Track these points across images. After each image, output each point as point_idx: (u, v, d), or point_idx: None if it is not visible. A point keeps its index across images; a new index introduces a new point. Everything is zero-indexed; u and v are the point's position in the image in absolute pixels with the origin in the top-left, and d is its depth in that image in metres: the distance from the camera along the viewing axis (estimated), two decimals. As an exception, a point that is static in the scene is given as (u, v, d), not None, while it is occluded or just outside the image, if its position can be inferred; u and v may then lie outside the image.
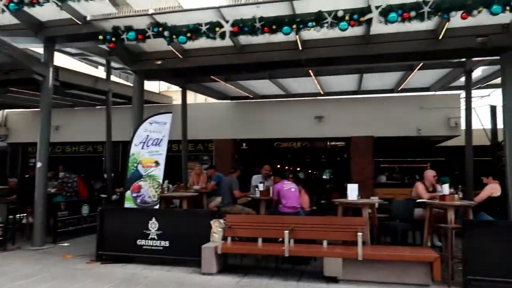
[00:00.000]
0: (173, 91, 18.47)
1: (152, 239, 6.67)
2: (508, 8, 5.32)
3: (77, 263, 6.84)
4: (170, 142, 13.19)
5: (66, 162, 11.89)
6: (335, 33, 6.21)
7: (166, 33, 6.59)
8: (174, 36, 6.62)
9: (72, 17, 7.47)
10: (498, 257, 5.34)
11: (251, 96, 13.26)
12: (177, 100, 14.75)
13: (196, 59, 8.02)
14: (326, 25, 5.85)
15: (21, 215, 8.99)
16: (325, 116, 12.72)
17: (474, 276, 5.37)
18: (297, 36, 6.79)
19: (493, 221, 6.36)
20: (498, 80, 7.19)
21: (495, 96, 11.61)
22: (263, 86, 11.91)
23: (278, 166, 13.63)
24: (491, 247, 5.42)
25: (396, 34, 6.78)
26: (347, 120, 12.51)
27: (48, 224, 8.40)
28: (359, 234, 5.57)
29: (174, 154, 12.43)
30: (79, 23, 7.57)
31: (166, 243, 6.61)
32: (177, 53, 7.81)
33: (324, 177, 15.06)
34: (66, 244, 8.33)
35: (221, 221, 6.58)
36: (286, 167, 13.44)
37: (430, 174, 7.49)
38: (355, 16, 5.73)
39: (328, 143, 13.46)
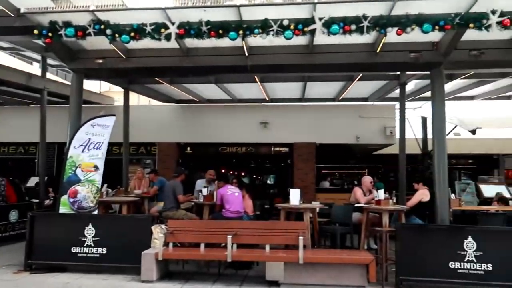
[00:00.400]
0: (115, 92, 17.77)
1: (88, 246, 6.35)
2: (437, 27, 5.74)
3: (2, 273, 6.31)
4: (111, 145, 12.69)
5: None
6: (280, 41, 6.33)
7: (108, 31, 6.32)
8: (116, 35, 6.36)
9: (4, 9, 6.94)
10: (426, 258, 5.73)
11: (197, 100, 13.14)
12: (119, 101, 14.23)
13: (139, 59, 7.78)
14: (272, 32, 5.95)
15: None
16: (270, 122, 12.94)
17: (405, 276, 5.71)
18: (244, 42, 6.84)
19: (423, 224, 6.81)
20: (429, 94, 7.73)
21: (426, 108, 12.48)
22: (209, 90, 11.85)
23: (223, 170, 13.61)
24: (420, 248, 5.80)
25: (338, 46, 7.06)
26: (291, 126, 12.82)
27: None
28: (300, 238, 5.70)
29: (115, 157, 11.94)
30: (12, 15, 7.05)
31: (103, 250, 6.32)
32: (119, 52, 7.53)
33: (268, 182, 15.29)
34: (-11, 253, 7.68)
35: (163, 226, 6.43)
36: (231, 172, 13.46)
37: (367, 179, 7.88)
38: (300, 26, 5.89)
39: (273, 148, 13.67)
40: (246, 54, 7.29)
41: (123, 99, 11.67)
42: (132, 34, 6.27)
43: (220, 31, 6.08)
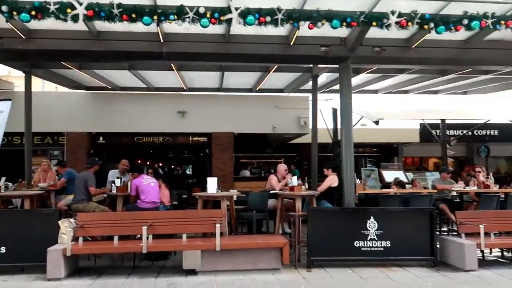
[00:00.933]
0: (15, 77, 16.15)
1: (-17, 245, 5.75)
2: (344, 24, 6.13)
3: None
4: (12, 135, 11.61)
5: None
6: (197, 29, 6.25)
7: (4, 8, 5.68)
8: (14, 13, 5.75)
9: None
10: (335, 239, 6.18)
11: (110, 87, 12.46)
12: (20, 87, 12.93)
13: (43, 41, 7.12)
14: (188, 19, 5.84)
15: None
16: (187, 111, 12.77)
17: (316, 257, 6.10)
18: (158, 28, 6.64)
19: (331, 207, 7.31)
20: (338, 86, 8.25)
21: (336, 100, 13.31)
22: (123, 77, 11.31)
23: (139, 161, 13.17)
24: (329, 230, 6.23)
25: (254, 37, 7.20)
26: (209, 116, 12.79)
27: None
28: (217, 225, 5.78)
29: (16, 148, 10.91)
30: None
31: (2, 250, 5.78)
32: (19, 32, 6.83)
33: (186, 172, 15.12)
34: None
35: (72, 220, 6.06)
36: (148, 163, 13.06)
37: (282, 167, 8.21)
38: (216, 15, 5.86)
39: (191, 138, 13.53)
40: (162, 41, 7.10)
41: (24, 84, 10.62)
42: (33, 12, 5.70)
43: (133, 15, 5.80)
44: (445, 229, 8.62)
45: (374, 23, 6.15)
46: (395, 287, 5.28)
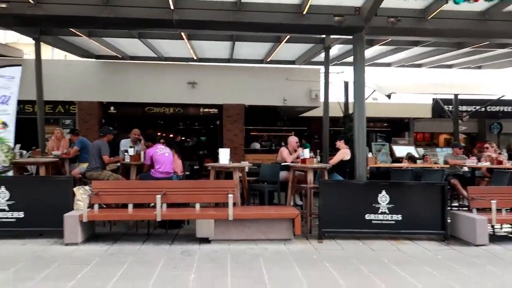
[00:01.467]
0: (24, 44, 16.03)
1: (2, 210, 5.88)
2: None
3: None
4: (23, 103, 11.65)
5: None
6: (209, -4, 6.15)
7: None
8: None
9: None
10: (346, 211, 6.23)
11: (120, 56, 12.36)
12: (29, 54, 12.87)
13: (52, 6, 7.00)
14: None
15: None
16: (198, 82, 12.68)
17: (327, 228, 6.16)
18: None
19: (343, 180, 7.33)
20: (351, 59, 8.08)
21: (348, 73, 13.12)
22: (133, 45, 11.18)
23: (150, 132, 13.19)
24: (340, 203, 6.27)
25: (266, 5, 7.04)
26: (219, 87, 12.71)
27: None
28: (230, 196, 5.83)
29: (28, 116, 10.98)
30: None
31: (20, 214, 5.91)
32: (27, -4, 6.74)
33: (197, 143, 15.17)
34: None
35: (86, 188, 6.15)
36: (159, 133, 13.09)
37: (293, 140, 8.19)
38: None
39: (201, 109, 13.50)
40: (172, 8, 6.96)
41: (34, 52, 10.56)
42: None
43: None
44: (456, 204, 8.64)
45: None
46: (406, 259, 5.34)
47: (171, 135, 13.97)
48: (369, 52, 10.85)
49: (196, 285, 4.26)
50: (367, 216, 6.22)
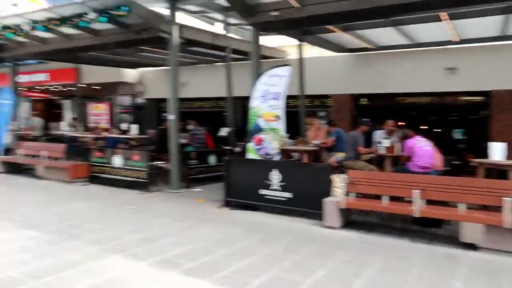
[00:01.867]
0: (287, 46, 18.23)
1: (274, 189, 6.85)
2: None
3: (209, 207, 7.47)
4: (286, 98, 13.27)
5: (193, 116, 12.63)
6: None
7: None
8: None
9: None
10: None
11: (369, 48, 12.34)
12: (291, 54, 14.51)
13: (313, 7, 7.61)
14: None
15: (159, 162, 10.00)
16: (457, 67, 11.27)
17: None
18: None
19: None
20: None
21: None
22: (385, 35, 10.89)
23: (401, 123, 12.74)
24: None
25: None
26: (485, 71, 10.89)
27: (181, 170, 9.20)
28: (507, 199, 4.89)
29: (290, 109, 12.40)
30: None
31: (289, 195, 6.74)
32: (295, 1, 7.50)
33: (455, 136, 13.57)
34: (198, 190, 9.11)
35: (343, 176, 6.42)
36: (411, 125, 12.44)
37: None
38: None
39: (461, 98, 11.98)
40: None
41: (295, 52, 11.80)
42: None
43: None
44: None
45: None
46: None
47: (425, 127, 12.97)
48: None
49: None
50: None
